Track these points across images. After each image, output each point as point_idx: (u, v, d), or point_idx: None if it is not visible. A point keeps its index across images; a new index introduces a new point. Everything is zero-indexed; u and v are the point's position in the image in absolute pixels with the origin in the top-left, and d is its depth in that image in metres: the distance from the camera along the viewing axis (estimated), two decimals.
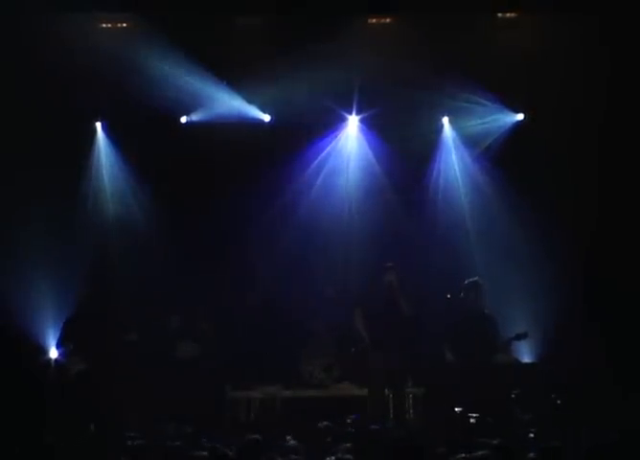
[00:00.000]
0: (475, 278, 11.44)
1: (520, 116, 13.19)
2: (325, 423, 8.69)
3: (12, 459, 7.69)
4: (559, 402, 11.45)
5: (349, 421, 9.69)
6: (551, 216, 12.59)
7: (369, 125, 13.22)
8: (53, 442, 7.98)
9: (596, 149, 12.47)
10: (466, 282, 11.40)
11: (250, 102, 12.88)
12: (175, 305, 12.36)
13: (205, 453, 7.06)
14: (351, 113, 13.15)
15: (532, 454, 6.93)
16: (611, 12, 11.93)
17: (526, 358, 12.55)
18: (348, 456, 6.55)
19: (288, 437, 8.41)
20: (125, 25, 12.47)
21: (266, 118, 13.07)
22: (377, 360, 11.23)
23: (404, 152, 12.82)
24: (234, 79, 12.64)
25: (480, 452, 6.82)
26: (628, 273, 12.40)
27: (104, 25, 12.48)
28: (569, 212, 12.61)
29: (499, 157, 13.06)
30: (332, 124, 13.24)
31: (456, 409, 10.95)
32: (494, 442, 7.66)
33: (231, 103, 12.82)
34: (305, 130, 12.86)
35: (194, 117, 12.98)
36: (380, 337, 11.20)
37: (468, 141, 13.31)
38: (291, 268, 12.67)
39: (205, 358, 12.07)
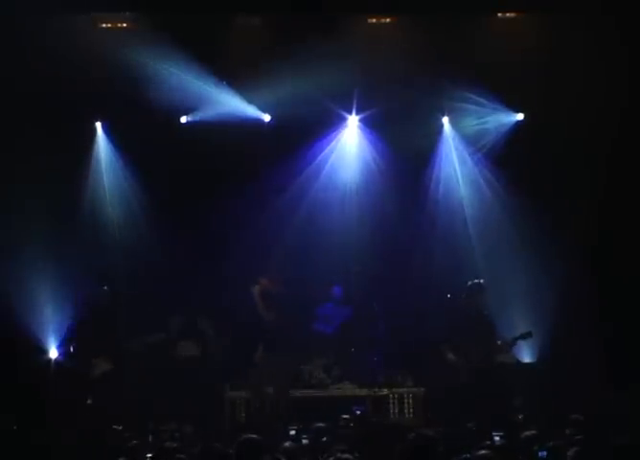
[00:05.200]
0: (478, 280, 11.45)
1: (520, 116, 13.20)
2: (324, 423, 8.69)
3: (12, 459, 7.69)
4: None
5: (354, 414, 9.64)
6: (552, 216, 12.59)
7: (369, 125, 13.22)
8: (50, 442, 7.99)
9: (597, 147, 12.46)
10: (469, 283, 11.41)
11: (250, 102, 12.88)
12: (176, 305, 12.34)
13: (204, 453, 7.06)
14: (351, 113, 13.16)
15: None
16: (611, 13, 11.93)
17: (526, 358, 12.56)
18: (346, 456, 6.55)
19: (289, 435, 8.42)
20: (125, 25, 12.50)
21: (266, 118, 13.08)
22: (375, 360, 11.24)
23: (404, 152, 12.82)
24: (234, 79, 12.65)
25: (480, 452, 6.82)
26: (631, 272, 12.39)
27: (104, 25, 12.50)
28: (571, 212, 12.60)
29: (499, 157, 13.06)
30: (332, 124, 13.24)
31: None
32: (494, 442, 7.68)
33: (231, 103, 12.83)
34: (305, 130, 12.85)
35: (194, 117, 12.98)
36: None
37: (468, 141, 13.31)
38: (291, 268, 12.64)
39: (205, 358, 12.08)
